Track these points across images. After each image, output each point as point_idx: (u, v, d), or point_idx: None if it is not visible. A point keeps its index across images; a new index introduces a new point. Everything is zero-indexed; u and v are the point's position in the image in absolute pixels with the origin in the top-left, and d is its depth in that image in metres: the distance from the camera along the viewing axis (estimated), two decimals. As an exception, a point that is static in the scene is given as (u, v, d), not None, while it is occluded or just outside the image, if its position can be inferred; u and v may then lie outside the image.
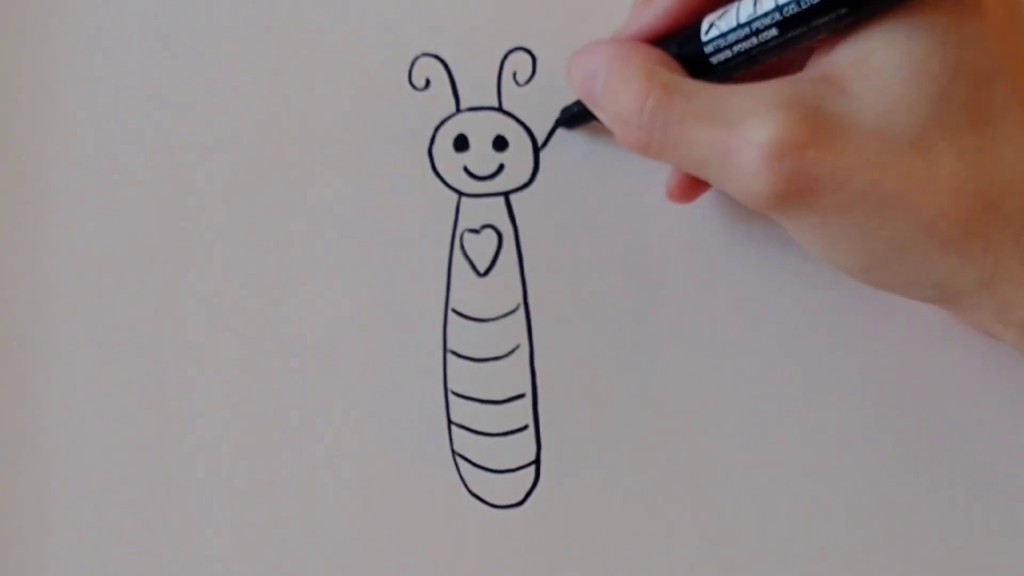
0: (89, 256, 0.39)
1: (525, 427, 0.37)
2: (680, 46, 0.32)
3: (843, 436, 0.37)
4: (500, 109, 0.38)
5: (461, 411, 0.37)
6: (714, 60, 0.32)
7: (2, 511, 0.38)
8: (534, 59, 0.38)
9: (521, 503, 0.37)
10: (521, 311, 0.38)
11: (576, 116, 0.37)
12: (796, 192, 0.29)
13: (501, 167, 0.38)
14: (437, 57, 0.39)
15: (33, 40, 0.39)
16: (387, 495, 0.37)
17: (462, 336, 0.38)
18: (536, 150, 0.38)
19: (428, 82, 0.39)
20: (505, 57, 0.38)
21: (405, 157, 0.38)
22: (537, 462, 0.37)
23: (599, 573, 0.37)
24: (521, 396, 0.37)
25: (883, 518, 0.36)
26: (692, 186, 0.36)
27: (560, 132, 0.38)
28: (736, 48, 0.31)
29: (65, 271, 0.39)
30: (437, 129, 0.38)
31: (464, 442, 0.37)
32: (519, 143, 0.38)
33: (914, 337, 0.37)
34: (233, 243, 0.38)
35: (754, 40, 0.30)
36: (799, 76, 0.30)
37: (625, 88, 0.31)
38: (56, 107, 0.39)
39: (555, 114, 0.38)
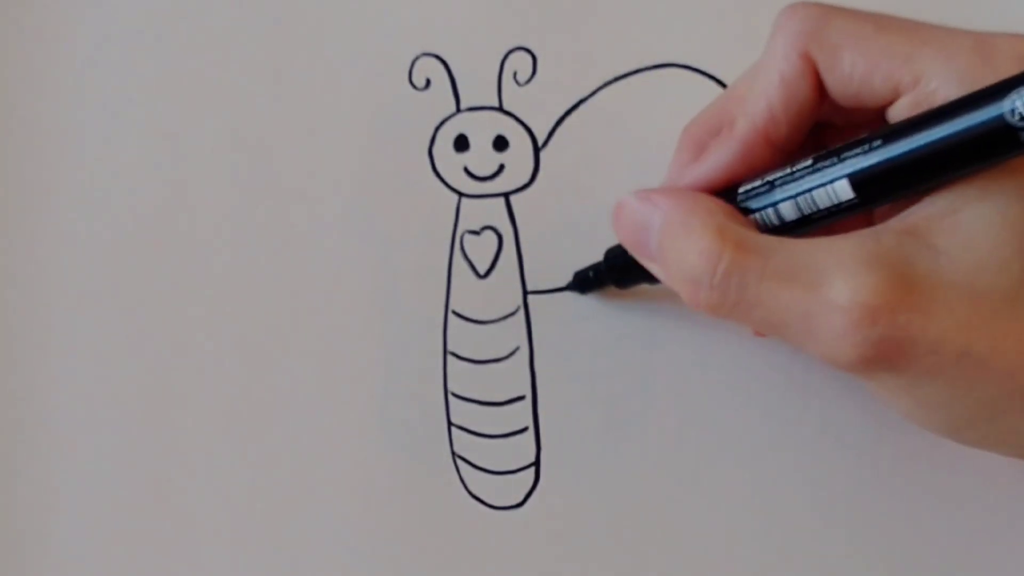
0: (89, 256, 0.39)
1: (525, 429, 0.37)
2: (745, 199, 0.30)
3: (843, 436, 0.37)
4: (500, 109, 0.38)
5: (461, 413, 0.37)
6: (786, 218, 0.30)
7: (2, 511, 0.38)
8: (534, 59, 0.38)
9: (521, 505, 0.37)
10: (521, 313, 0.37)
11: (590, 281, 0.36)
12: (885, 358, 0.27)
13: (501, 167, 0.38)
14: (437, 57, 0.38)
15: (33, 40, 0.39)
16: (387, 496, 0.37)
17: (462, 338, 0.38)
18: (536, 150, 0.38)
19: (428, 82, 0.38)
20: (505, 57, 0.38)
21: (405, 157, 0.38)
22: (537, 464, 0.37)
23: (599, 574, 0.37)
24: (521, 398, 0.37)
25: (883, 519, 0.36)
26: None
27: (560, 132, 0.38)
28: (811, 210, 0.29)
29: (65, 271, 0.39)
30: (437, 129, 0.38)
31: (464, 444, 0.37)
32: (519, 143, 0.38)
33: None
34: (233, 244, 0.38)
35: (831, 202, 0.29)
36: (881, 228, 0.28)
37: (692, 245, 0.29)
38: (56, 107, 0.39)
39: (557, 114, 0.38)
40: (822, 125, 0.31)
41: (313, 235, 0.38)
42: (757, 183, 0.30)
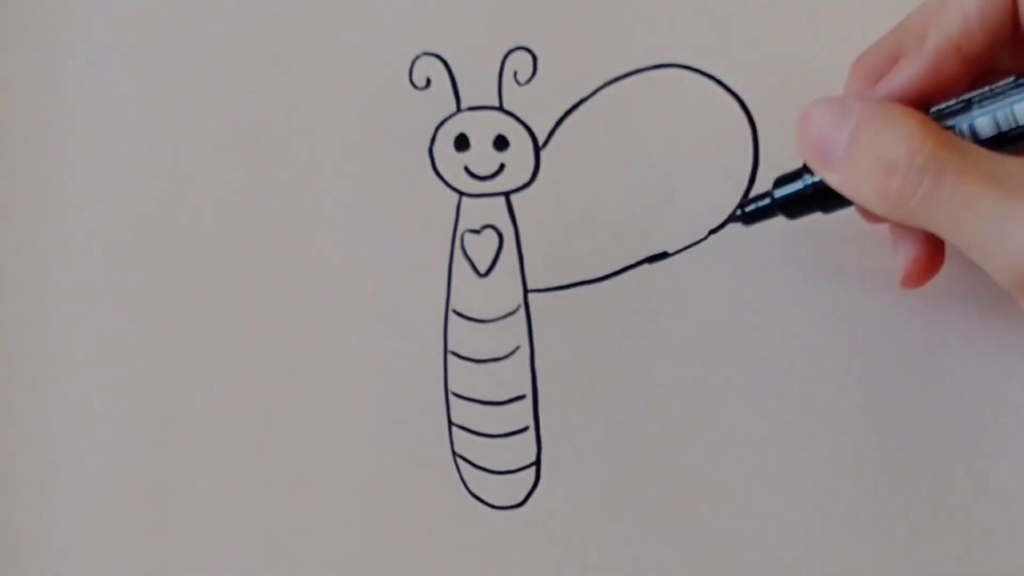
0: (89, 255, 0.39)
1: (525, 428, 0.37)
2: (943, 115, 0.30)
3: (843, 436, 0.36)
4: (501, 108, 0.38)
5: (462, 412, 0.37)
6: (981, 134, 0.29)
7: (2, 511, 0.38)
8: (535, 58, 0.38)
9: (521, 504, 0.37)
10: (522, 312, 0.37)
11: (758, 212, 0.35)
12: None
13: (502, 167, 0.38)
14: (438, 56, 0.38)
15: (33, 40, 0.39)
16: (388, 496, 0.37)
17: (463, 337, 0.37)
18: (537, 150, 0.38)
19: (429, 81, 0.38)
20: (506, 56, 0.38)
21: (406, 157, 0.38)
22: (537, 463, 0.37)
23: (599, 574, 0.37)
24: (521, 397, 0.37)
25: (883, 519, 0.36)
26: (928, 268, 0.33)
27: (560, 132, 0.38)
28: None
29: (65, 271, 0.39)
30: (438, 129, 0.38)
31: (465, 443, 0.37)
32: (520, 143, 0.38)
33: (914, 336, 0.37)
34: (234, 243, 0.38)
35: None
36: None
37: (893, 133, 0.28)
38: (56, 107, 0.39)
39: (557, 114, 0.38)
40: (997, 73, 0.31)
41: (313, 234, 0.38)
42: (952, 101, 0.30)
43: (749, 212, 0.35)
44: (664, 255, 0.37)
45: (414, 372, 0.38)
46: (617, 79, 0.38)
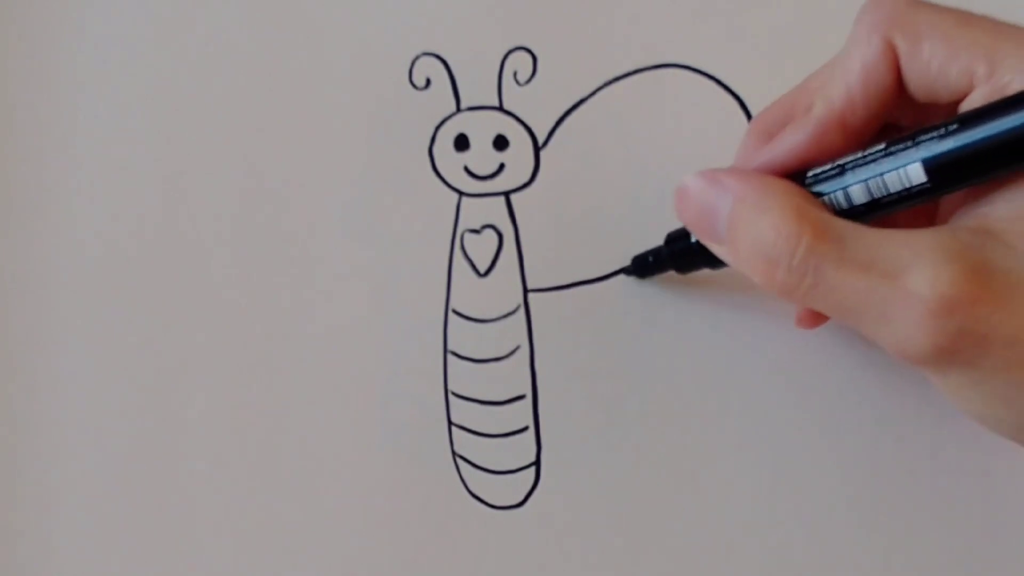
0: (89, 256, 0.39)
1: (525, 428, 0.37)
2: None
3: (843, 437, 0.36)
4: (501, 108, 0.38)
5: (461, 412, 0.37)
6: (855, 201, 0.30)
7: (2, 511, 0.38)
8: (535, 58, 0.38)
9: (521, 504, 0.37)
10: (521, 312, 0.37)
11: (650, 266, 0.36)
12: (961, 350, 0.27)
13: (502, 167, 0.38)
14: (437, 56, 0.38)
15: (33, 40, 0.39)
16: (387, 496, 0.37)
17: (462, 337, 0.37)
18: (537, 150, 0.38)
19: (428, 81, 0.38)
20: (506, 56, 0.38)
21: (405, 157, 0.38)
22: (537, 463, 0.37)
23: (599, 574, 0.37)
24: (521, 397, 0.37)
25: (883, 519, 0.36)
26: (820, 317, 0.35)
27: (560, 132, 0.38)
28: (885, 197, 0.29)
29: (66, 271, 0.39)
30: (438, 129, 0.38)
31: (464, 443, 0.37)
32: (520, 143, 0.38)
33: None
34: (233, 243, 0.38)
35: (903, 186, 0.29)
36: (956, 226, 0.28)
37: (769, 225, 0.29)
38: (56, 107, 0.39)
39: (557, 114, 0.38)
40: (890, 127, 0.31)
41: (313, 235, 0.38)
42: (827, 167, 0.30)
43: (641, 267, 0.36)
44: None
45: (414, 372, 0.38)
46: (617, 79, 0.38)
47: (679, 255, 0.35)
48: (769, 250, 0.28)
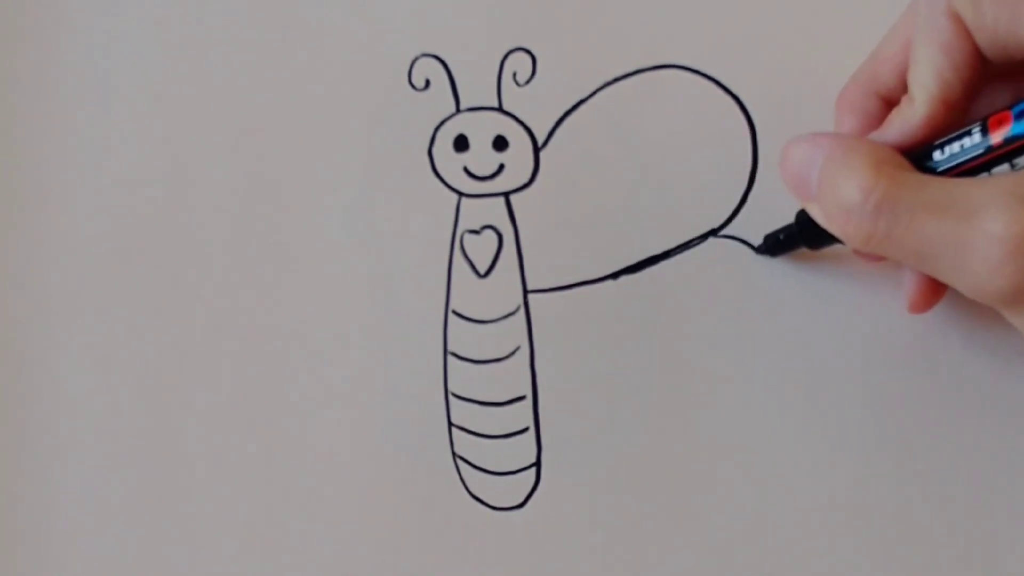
0: (89, 256, 0.38)
1: (526, 429, 0.37)
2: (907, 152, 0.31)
3: (842, 436, 0.37)
4: (500, 109, 0.38)
5: (462, 413, 0.37)
6: (941, 168, 0.31)
7: (2, 511, 0.38)
8: (534, 59, 0.38)
9: (522, 505, 0.37)
10: (521, 312, 0.37)
11: (781, 244, 0.36)
12: None
13: (501, 167, 0.38)
14: (437, 57, 0.38)
15: (33, 40, 0.39)
16: (388, 497, 0.37)
17: (462, 338, 0.37)
18: (536, 150, 0.38)
19: (428, 82, 0.38)
20: (505, 57, 0.38)
21: (405, 158, 0.38)
22: (537, 464, 0.37)
23: (599, 574, 0.37)
24: (521, 398, 0.37)
25: (882, 519, 0.36)
26: (933, 292, 0.34)
27: (560, 133, 0.38)
28: (969, 162, 0.30)
29: (65, 271, 0.38)
30: (437, 129, 0.38)
31: (465, 444, 0.37)
32: (519, 143, 0.38)
33: (916, 335, 0.37)
34: (233, 244, 0.38)
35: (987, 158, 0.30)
36: None
37: (849, 176, 0.30)
38: (57, 107, 0.39)
39: (556, 114, 0.38)
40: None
41: (313, 235, 0.38)
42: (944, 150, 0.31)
43: (773, 245, 0.36)
44: (665, 255, 0.37)
45: (414, 373, 0.37)
46: (616, 80, 0.38)
47: (809, 230, 0.35)
48: (847, 201, 0.29)
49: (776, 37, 0.38)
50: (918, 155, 0.31)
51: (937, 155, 0.31)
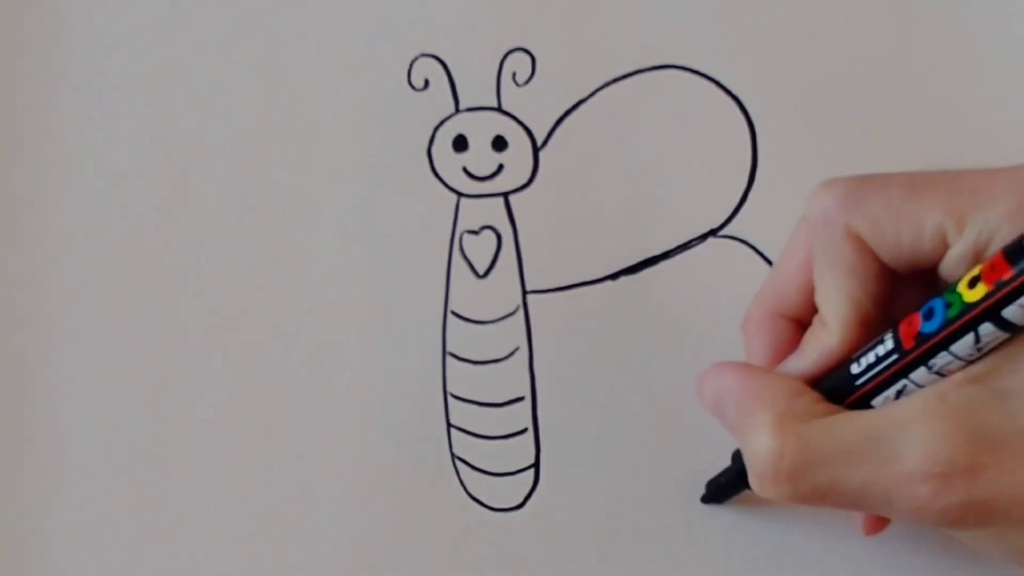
0: (89, 256, 0.38)
1: (524, 430, 0.37)
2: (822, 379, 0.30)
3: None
4: (499, 109, 0.38)
5: (460, 414, 0.37)
6: (860, 381, 0.29)
7: (2, 511, 0.38)
8: (533, 59, 0.38)
9: (521, 506, 0.37)
10: (520, 313, 0.37)
11: (724, 488, 0.35)
12: (971, 517, 0.27)
13: (500, 167, 0.38)
14: (436, 57, 0.38)
15: (33, 40, 0.39)
16: (386, 498, 0.37)
17: (461, 338, 0.37)
18: (535, 150, 0.38)
19: (427, 82, 0.38)
20: (505, 57, 0.38)
21: (404, 158, 0.38)
22: (536, 465, 0.37)
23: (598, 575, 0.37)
24: (520, 399, 0.37)
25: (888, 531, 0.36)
26: (883, 519, 0.34)
27: (559, 133, 0.38)
28: (886, 370, 0.28)
29: (65, 271, 0.38)
30: (436, 129, 0.38)
31: (463, 445, 0.37)
32: (518, 143, 0.38)
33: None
34: (232, 244, 0.38)
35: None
36: (944, 383, 0.27)
37: (755, 439, 0.28)
38: (56, 107, 0.39)
39: (556, 114, 0.38)
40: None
41: (312, 235, 0.38)
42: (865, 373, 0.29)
43: (714, 490, 0.36)
44: (665, 255, 0.37)
45: (412, 374, 0.37)
46: (616, 80, 0.38)
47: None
48: (756, 466, 0.28)
49: (776, 37, 0.38)
50: (836, 374, 0.30)
51: (854, 368, 0.29)
